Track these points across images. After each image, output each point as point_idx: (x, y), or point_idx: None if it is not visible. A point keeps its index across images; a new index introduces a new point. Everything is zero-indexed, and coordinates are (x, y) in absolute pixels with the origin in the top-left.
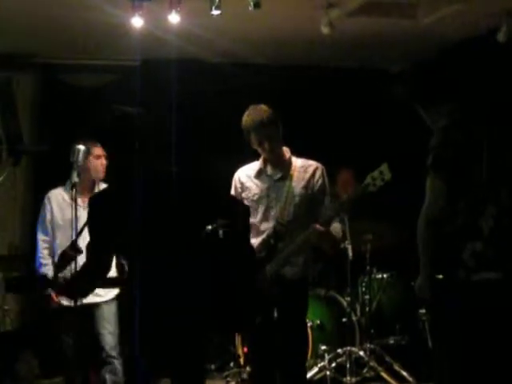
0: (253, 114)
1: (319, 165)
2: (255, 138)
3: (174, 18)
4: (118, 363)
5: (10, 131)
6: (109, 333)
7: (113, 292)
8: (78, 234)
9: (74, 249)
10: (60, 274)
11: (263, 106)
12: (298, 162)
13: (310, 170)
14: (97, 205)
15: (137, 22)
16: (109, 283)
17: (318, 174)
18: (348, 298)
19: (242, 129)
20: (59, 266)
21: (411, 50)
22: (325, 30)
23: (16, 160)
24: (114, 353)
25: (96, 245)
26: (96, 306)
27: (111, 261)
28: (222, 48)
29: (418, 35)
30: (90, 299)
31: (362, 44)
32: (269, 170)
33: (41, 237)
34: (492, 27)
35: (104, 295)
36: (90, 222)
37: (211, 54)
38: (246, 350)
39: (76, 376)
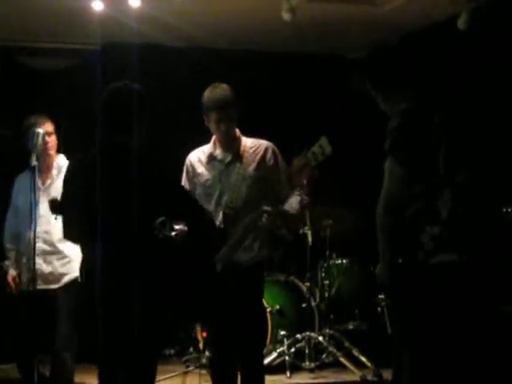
0: (215, 93)
1: (270, 144)
2: (214, 116)
3: (134, 2)
4: (68, 355)
5: None
6: (62, 322)
7: (66, 278)
8: None
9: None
10: None
11: (225, 85)
12: (248, 143)
13: (261, 151)
14: (72, 172)
15: (97, 5)
16: None
17: (269, 153)
18: (307, 284)
19: (202, 106)
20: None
21: (372, 36)
22: (286, 15)
23: None
24: (66, 343)
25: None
26: (51, 292)
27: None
28: (183, 32)
29: (378, 21)
30: (44, 286)
31: (322, 30)
32: (219, 153)
33: (6, 223)
34: (452, 14)
35: (58, 282)
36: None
37: (172, 38)
38: (205, 334)
39: (27, 363)
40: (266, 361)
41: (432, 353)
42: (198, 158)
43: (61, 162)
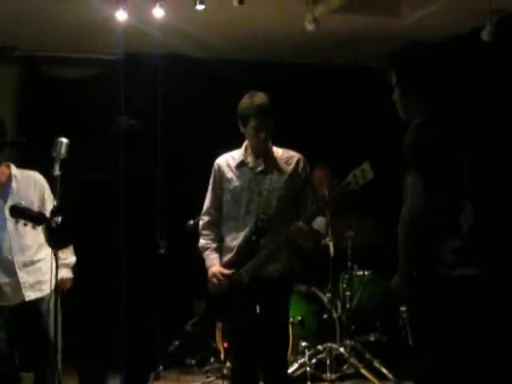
0: (255, 100)
1: (301, 156)
2: (254, 123)
3: (158, 12)
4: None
5: None
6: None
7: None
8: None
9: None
10: None
11: (263, 94)
12: (279, 153)
13: (293, 162)
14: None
15: (121, 15)
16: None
17: (301, 165)
18: (329, 295)
19: (238, 112)
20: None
21: (395, 47)
22: (309, 26)
23: None
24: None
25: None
26: (38, 301)
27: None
28: (206, 43)
29: (401, 33)
30: (33, 295)
31: (345, 41)
32: (251, 161)
33: None
34: (476, 25)
35: (45, 288)
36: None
37: (195, 48)
38: (226, 345)
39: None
40: (288, 372)
41: (453, 365)
42: (226, 162)
43: (14, 171)
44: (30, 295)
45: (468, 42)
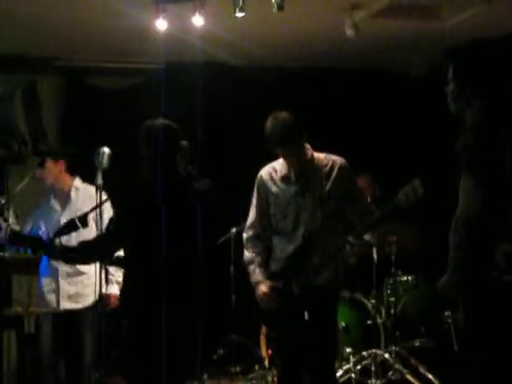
0: (276, 127)
1: (342, 160)
2: (278, 151)
3: (197, 21)
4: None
5: (34, 133)
6: (89, 343)
7: (90, 298)
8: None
9: (82, 221)
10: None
11: (285, 115)
12: (320, 160)
13: (334, 168)
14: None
15: (161, 24)
16: (115, 263)
17: (344, 170)
18: (373, 301)
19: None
20: (61, 232)
21: (435, 52)
22: (349, 32)
23: (41, 161)
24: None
25: (119, 225)
26: (76, 313)
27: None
28: (246, 50)
29: (442, 37)
30: (68, 305)
31: (386, 46)
32: (293, 174)
33: None
34: None
35: (82, 301)
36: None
37: (235, 56)
38: (270, 352)
39: None
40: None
41: (502, 373)
42: (270, 176)
43: (78, 185)
44: (66, 305)
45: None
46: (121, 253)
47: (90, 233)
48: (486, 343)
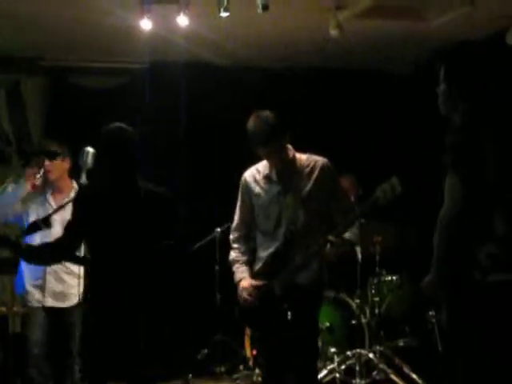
0: (258, 126)
1: (324, 160)
2: (260, 151)
3: (182, 21)
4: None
5: (19, 132)
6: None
7: (75, 298)
8: (53, 212)
9: (45, 222)
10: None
11: (267, 114)
12: (302, 161)
13: (316, 168)
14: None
15: (146, 24)
16: (76, 261)
17: (326, 170)
18: (357, 301)
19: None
20: (25, 232)
21: (419, 53)
22: (333, 32)
23: (25, 161)
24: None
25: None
26: (62, 310)
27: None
28: (231, 50)
29: (426, 38)
30: (53, 303)
31: (370, 46)
32: (275, 175)
33: None
34: (499, 29)
35: (67, 300)
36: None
37: (220, 56)
38: (254, 352)
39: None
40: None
41: (488, 372)
42: (253, 177)
43: (76, 188)
44: (48, 301)
45: (493, 46)
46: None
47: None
48: (470, 343)
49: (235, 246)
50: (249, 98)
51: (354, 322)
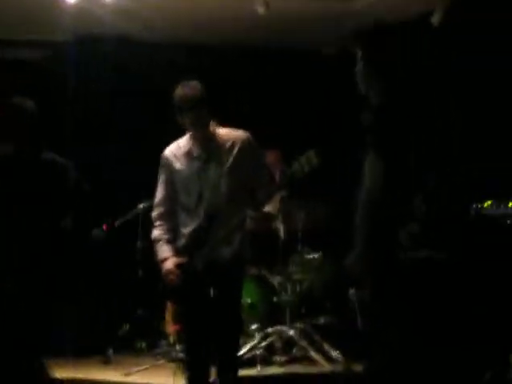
0: (187, 92)
1: (246, 135)
2: (188, 117)
3: None
4: None
5: None
6: None
7: None
8: None
9: None
10: None
11: (195, 83)
12: (224, 136)
13: (237, 143)
14: None
15: None
16: None
17: (247, 145)
18: (279, 278)
19: (174, 104)
20: None
21: (345, 32)
22: (260, 9)
23: None
24: None
25: None
26: None
27: None
28: (157, 26)
29: (351, 18)
30: None
31: (296, 25)
32: (196, 150)
33: None
34: (426, 11)
35: None
36: None
37: (146, 32)
38: (178, 328)
39: None
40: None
41: (408, 348)
42: (174, 154)
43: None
44: None
45: (418, 27)
46: None
47: None
48: (392, 319)
49: (158, 223)
50: (177, 75)
51: (275, 299)
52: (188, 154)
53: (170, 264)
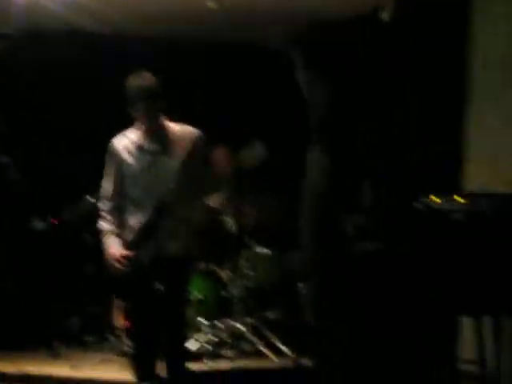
0: (142, 82)
1: (197, 132)
2: (142, 107)
3: None
4: None
5: None
6: None
7: None
8: None
9: None
10: None
11: (149, 75)
12: (175, 131)
13: (189, 139)
14: None
15: None
16: None
17: (198, 142)
18: (228, 272)
19: (126, 95)
20: None
21: (294, 29)
22: (210, 4)
23: None
24: None
25: None
26: None
27: None
28: (110, 20)
29: (301, 14)
30: None
31: (247, 20)
32: (146, 143)
33: None
34: (377, 6)
35: None
36: None
37: (99, 25)
38: (127, 323)
39: None
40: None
41: (354, 340)
42: (123, 145)
43: None
44: None
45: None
46: None
47: None
48: (341, 315)
49: (105, 215)
50: (129, 68)
51: (224, 293)
52: (138, 147)
53: (115, 253)
